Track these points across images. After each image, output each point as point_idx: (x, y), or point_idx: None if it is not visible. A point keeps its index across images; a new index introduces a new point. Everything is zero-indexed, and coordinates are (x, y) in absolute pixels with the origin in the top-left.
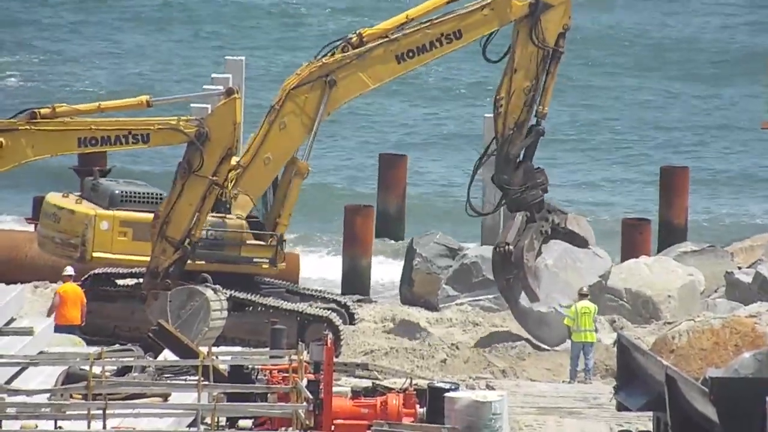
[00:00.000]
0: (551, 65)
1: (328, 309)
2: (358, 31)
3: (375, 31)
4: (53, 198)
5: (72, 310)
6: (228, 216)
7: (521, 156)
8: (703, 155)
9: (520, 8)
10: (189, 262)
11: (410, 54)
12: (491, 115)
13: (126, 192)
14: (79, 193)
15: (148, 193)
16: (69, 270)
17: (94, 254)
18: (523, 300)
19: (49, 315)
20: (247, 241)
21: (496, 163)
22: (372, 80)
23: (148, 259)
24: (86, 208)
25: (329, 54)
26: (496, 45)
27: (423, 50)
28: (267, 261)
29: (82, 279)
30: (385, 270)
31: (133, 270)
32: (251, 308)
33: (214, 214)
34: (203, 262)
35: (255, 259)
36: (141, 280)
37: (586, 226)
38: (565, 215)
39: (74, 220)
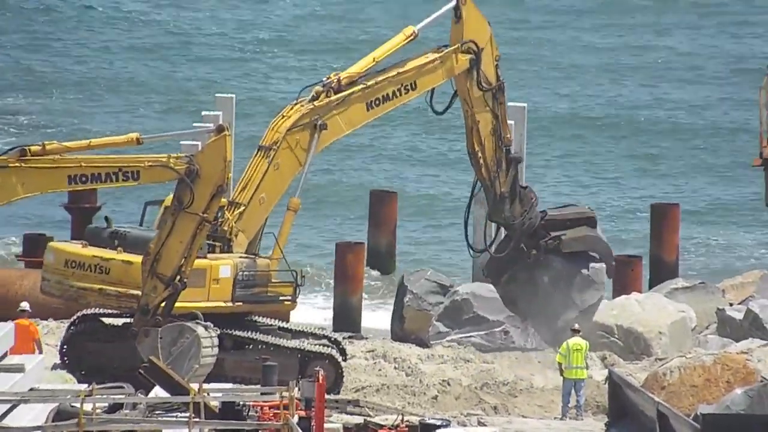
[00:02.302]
0: (500, 96)
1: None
2: (336, 75)
3: (350, 74)
4: (78, 248)
5: (23, 346)
6: (259, 255)
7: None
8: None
9: (464, 62)
10: (230, 304)
11: (377, 102)
12: None
13: None
14: (85, 242)
15: None
16: (24, 306)
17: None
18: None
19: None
20: (272, 280)
21: (491, 205)
22: (347, 126)
23: (202, 304)
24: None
25: (311, 97)
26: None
27: (386, 99)
28: (289, 299)
29: (72, 320)
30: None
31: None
32: (251, 346)
33: (244, 255)
34: (240, 304)
35: (281, 297)
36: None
37: (593, 240)
38: (560, 239)
39: (134, 271)
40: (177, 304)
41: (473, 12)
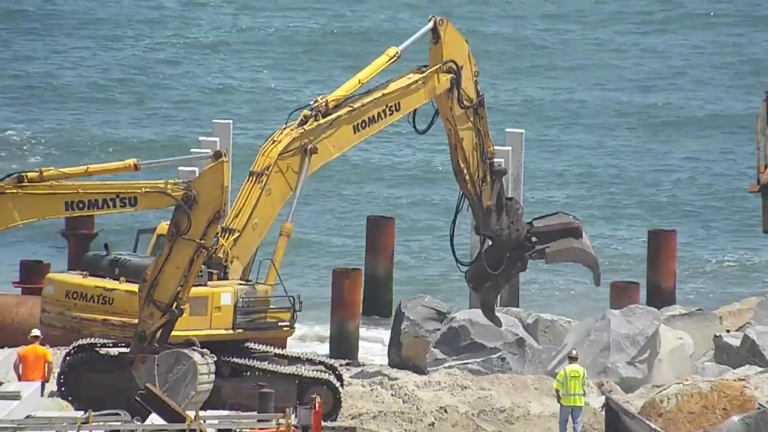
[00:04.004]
0: (480, 111)
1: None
2: (323, 98)
3: (336, 97)
4: (78, 279)
5: (33, 372)
6: (257, 282)
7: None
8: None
9: (445, 82)
10: (231, 332)
11: (363, 124)
12: None
13: None
14: (85, 272)
15: None
16: (36, 331)
17: None
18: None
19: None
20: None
21: (479, 219)
22: (335, 149)
23: (204, 332)
24: None
25: (300, 121)
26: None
27: (372, 121)
28: (288, 324)
29: (68, 351)
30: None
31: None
32: (249, 373)
33: (242, 282)
34: (241, 331)
35: (279, 323)
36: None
37: (577, 252)
38: (544, 253)
39: (136, 301)
40: (180, 333)
41: (451, 32)
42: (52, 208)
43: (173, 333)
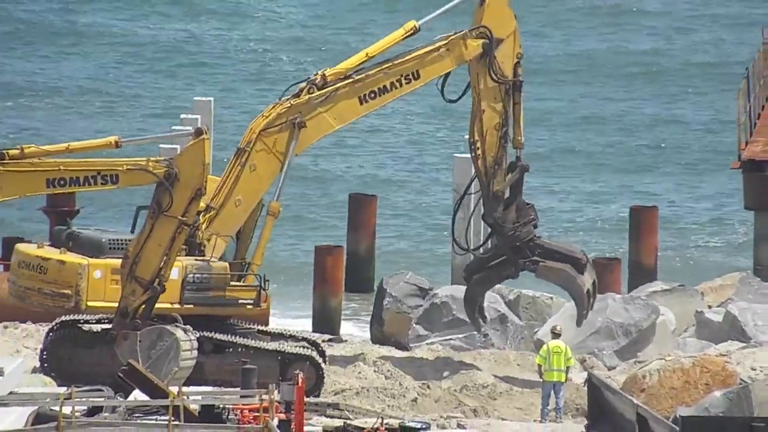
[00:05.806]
0: (515, 95)
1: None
2: (321, 72)
3: (338, 70)
4: (31, 249)
5: None
6: (211, 259)
7: (509, 193)
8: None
9: (475, 48)
10: (178, 306)
11: (372, 95)
12: (461, 155)
13: (114, 240)
14: (49, 243)
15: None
16: None
17: (89, 303)
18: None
19: None
20: (231, 283)
21: (485, 203)
22: (337, 121)
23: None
24: (77, 258)
25: (294, 94)
26: (453, 85)
27: (384, 91)
28: (251, 302)
29: (51, 327)
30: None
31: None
32: (231, 349)
33: (198, 258)
34: (191, 306)
35: (240, 301)
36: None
37: (568, 278)
38: (537, 264)
39: (66, 270)
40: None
41: (500, 1)
42: (33, 185)
43: (110, 304)
